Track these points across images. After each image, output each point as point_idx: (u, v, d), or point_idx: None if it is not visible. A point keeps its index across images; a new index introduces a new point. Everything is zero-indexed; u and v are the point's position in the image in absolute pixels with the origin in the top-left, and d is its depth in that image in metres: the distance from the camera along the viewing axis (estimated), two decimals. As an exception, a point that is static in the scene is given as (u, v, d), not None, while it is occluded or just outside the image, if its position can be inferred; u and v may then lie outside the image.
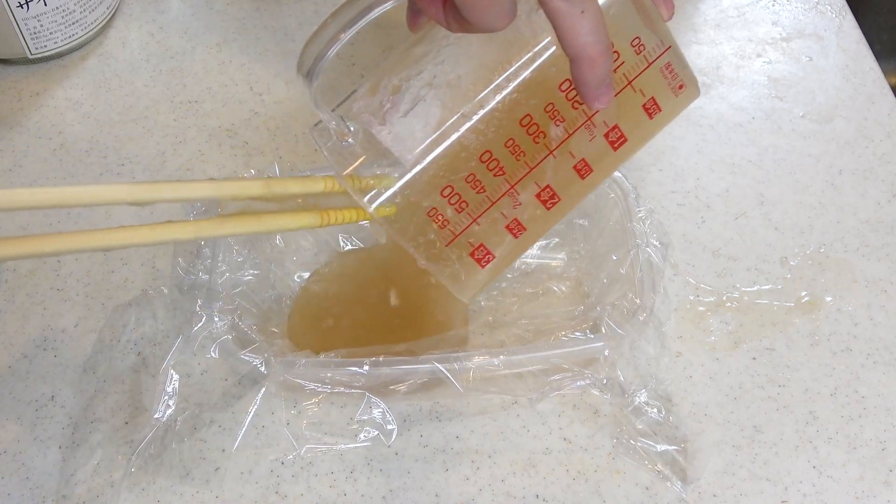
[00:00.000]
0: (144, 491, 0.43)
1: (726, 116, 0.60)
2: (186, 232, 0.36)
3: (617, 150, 0.40)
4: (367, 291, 0.50)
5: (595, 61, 0.33)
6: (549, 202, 0.40)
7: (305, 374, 0.41)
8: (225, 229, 0.37)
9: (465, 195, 0.38)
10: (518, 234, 0.40)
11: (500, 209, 0.39)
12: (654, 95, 0.39)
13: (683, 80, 0.40)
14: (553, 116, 0.38)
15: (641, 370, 0.45)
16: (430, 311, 0.49)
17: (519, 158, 0.38)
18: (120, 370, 0.47)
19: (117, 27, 0.65)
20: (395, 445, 0.44)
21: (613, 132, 0.40)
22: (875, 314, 0.50)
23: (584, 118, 0.38)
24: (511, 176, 0.38)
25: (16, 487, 0.43)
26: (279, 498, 0.43)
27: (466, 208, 0.38)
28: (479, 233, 0.39)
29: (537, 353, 0.42)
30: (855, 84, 0.62)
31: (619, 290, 0.47)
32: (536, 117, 0.38)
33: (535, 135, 0.38)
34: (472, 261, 0.40)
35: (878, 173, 0.57)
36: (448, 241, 0.39)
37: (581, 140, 0.39)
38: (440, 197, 0.38)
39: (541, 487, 0.43)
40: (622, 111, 0.39)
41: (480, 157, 0.38)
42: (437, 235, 0.39)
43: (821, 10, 0.67)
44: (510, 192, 0.39)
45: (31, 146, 0.57)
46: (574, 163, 0.39)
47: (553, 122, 0.38)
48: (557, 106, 0.38)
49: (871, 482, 0.44)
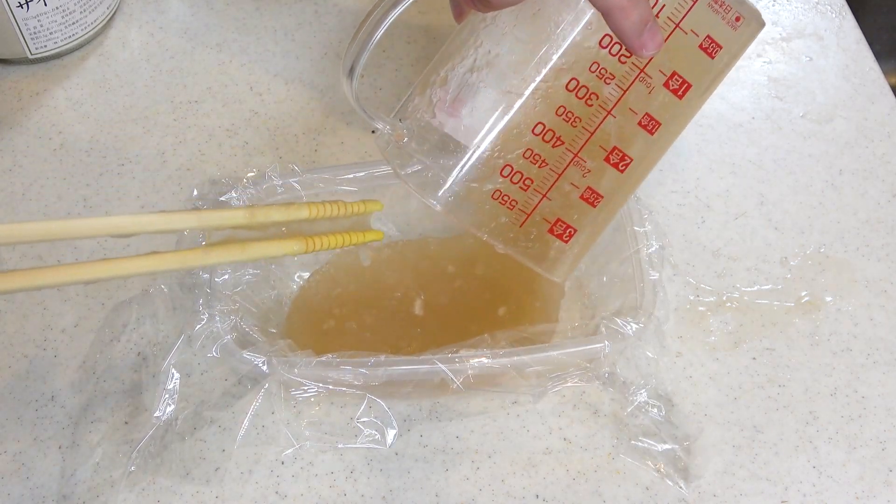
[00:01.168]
0: (144, 491, 0.43)
1: (726, 116, 0.60)
2: (171, 263, 0.36)
3: (683, 98, 0.39)
4: (381, 295, 0.49)
5: (626, 9, 0.33)
6: (620, 164, 0.38)
7: (306, 374, 0.41)
8: (210, 259, 0.37)
9: (528, 172, 0.37)
10: (596, 203, 0.39)
11: (568, 180, 0.38)
12: (709, 33, 0.38)
13: (740, 12, 0.38)
14: (601, 76, 0.37)
15: (641, 370, 0.45)
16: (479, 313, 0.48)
17: (576, 125, 0.37)
18: (120, 370, 0.47)
19: (117, 27, 0.65)
20: (395, 445, 0.44)
21: (674, 80, 0.38)
22: (875, 314, 0.50)
23: (635, 71, 0.37)
24: (571, 144, 0.37)
25: (16, 487, 0.43)
26: (279, 498, 0.43)
27: (532, 185, 0.37)
28: (553, 208, 0.38)
29: (537, 353, 0.42)
30: (855, 84, 0.62)
31: (619, 291, 0.47)
32: (583, 80, 0.37)
33: (587, 98, 0.37)
34: (553, 238, 0.39)
35: (878, 173, 0.57)
36: (521, 221, 0.38)
37: (639, 94, 0.37)
38: (501, 178, 0.37)
39: (541, 487, 0.43)
40: (676, 56, 0.37)
41: (533, 130, 0.37)
42: (508, 218, 0.38)
43: (821, 10, 0.67)
44: (575, 160, 0.38)
45: (31, 146, 0.57)
46: (638, 119, 0.38)
47: (603, 82, 0.37)
48: (603, 64, 0.37)
49: (871, 482, 0.44)
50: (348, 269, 0.50)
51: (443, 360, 0.41)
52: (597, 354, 0.42)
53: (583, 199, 0.39)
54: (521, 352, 0.42)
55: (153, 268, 0.35)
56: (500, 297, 0.49)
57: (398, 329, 0.48)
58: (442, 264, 0.50)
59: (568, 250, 0.40)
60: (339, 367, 0.41)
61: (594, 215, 0.40)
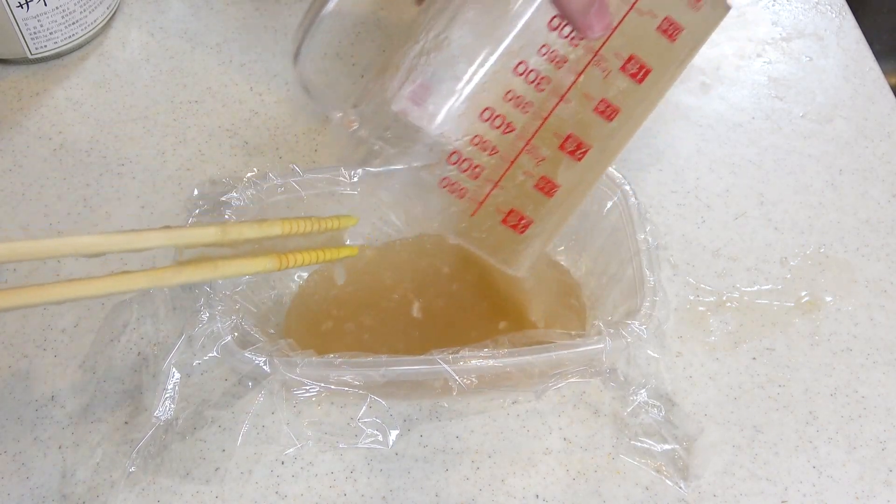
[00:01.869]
0: (144, 491, 0.43)
1: (726, 116, 0.60)
2: (141, 282, 0.35)
3: (643, 83, 0.37)
4: (380, 296, 0.49)
5: None
6: (577, 152, 0.37)
7: (308, 374, 0.41)
8: (181, 277, 0.37)
9: (477, 159, 0.36)
10: (552, 193, 0.37)
11: (521, 169, 0.36)
12: (667, 14, 0.36)
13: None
14: (552, 59, 0.35)
15: (641, 370, 0.45)
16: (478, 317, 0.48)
17: (527, 111, 0.36)
18: (120, 370, 0.47)
19: (117, 27, 0.65)
20: (396, 445, 0.44)
21: (631, 64, 0.37)
22: (875, 314, 0.50)
23: (589, 55, 0.36)
24: (523, 131, 0.36)
25: (16, 487, 0.43)
26: (279, 498, 0.43)
27: (483, 173, 0.36)
28: (506, 198, 0.37)
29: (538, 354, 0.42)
30: (855, 84, 0.62)
31: (619, 291, 0.47)
32: (533, 63, 0.35)
33: (537, 82, 0.36)
34: (507, 229, 0.37)
35: (878, 173, 0.57)
36: (472, 211, 0.37)
37: (594, 79, 0.36)
38: (449, 165, 0.36)
39: (541, 487, 0.43)
40: (633, 39, 0.36)
41: (481, 115, 0.35)
42: (458, 207, 0.37)
43: (821, 10, 0.67)
44: (528, 148, 0.36)
45: (31, 146, 0.57)
46: (594, 105, 0.37)
47: (555, 66, 0.35)
48: (553, 47, 0.35)
49: (871, 482, 0.44)
50: (347, 270, 0.50)
51: (445, 359, 0.41)
52: (597, 354, 0.42)
53: (538, 188, 0.37)
54: (522, 352, 0.42)
55: (123, 287, 0.35)
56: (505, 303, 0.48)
57: (396, 331, 0.48)
58: (438, 265, 0.50)
59: (524, 242, 0.38)
60: (340, 366, 0.41)
61: (551, 206, 0.38)
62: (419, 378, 0.42)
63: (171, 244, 0.37)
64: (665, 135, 0.59)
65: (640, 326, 0.43)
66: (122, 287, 0.35)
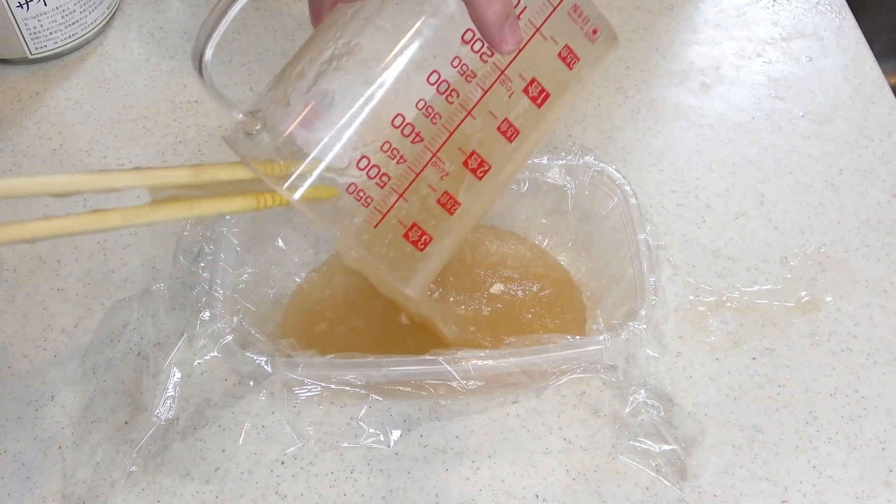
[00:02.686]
0: (144, 491, 0.43)
1: (726, 116, 0.60)
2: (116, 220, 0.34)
3: (542, 107, 0.38)
4: (371, 300, 0.48)
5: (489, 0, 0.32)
6: (479, 170, 0.37)
7: (309, 374, 0.41)
8: (156, 215, 0.35)
9: (385, 167, 0.36)
10: (453, 210, 0.37)
11: (426, 182, 0.36)
12: (567, 43, 0.38)
13: (596, 24, 0.38)
14: (462, 72, 0.36)
15: (641, 370, 0.45)
16: None
17: (435, 122, 0.36)
18: (120, 370, 0.47)
19: (117, 27, 0.65)
20: (396, 445, 0.44)
21: (533, 86, 0.38)
22: (875, 314, 0.50)
23: (496, 72, 0.36)
24: (431, 143, 0.36)
25: (16, 487, 0.43)
26: (279, 498, 0.43)
27: (389, 182, 0.36)
28: (409, 211, 0.36)
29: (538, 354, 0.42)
30: (855, 84, 0.62)
31: (619, 291, 0.47)
32: (445, 74, 0.36)
33: (448, 94, 0.36)
34: (409, 244, 0.37)
35: (878, 173, 0.57)
36: (376, 222, 0.36)
37: (499, 97, 0.37)
38: (357, 170, 0.35)
39: (541, 487, 0.43)
40: (536, 62, 0.37)
41: (392, 122, 0.35)
42: (362, 217, 0.36)
43: (821, 10, 0.68)
44: (433, 161, 0.36)
45: (31, 146, 0.57)
46: (497, 124, 0.37)
47: (464, 79, 0.36)
48: (465, 60, 0.36)
49: (871, 482, 0.44)
50: (343, 270, 0.50)
51: (447, 360, 0.41)
52: (597, 354, 0.42)
53: (440, 203, 0.37)
54: (522, 352, 0.42)
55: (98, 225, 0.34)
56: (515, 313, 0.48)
57: (388, 336, 0.47)
58: None
59: (424, 260, 0.38)
60: (342, 366, 0.41)
61: (451, 224, 0.38)
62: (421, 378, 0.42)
63: (142, 185, 0.36)
64: (665, 135, 0.59)
65: (639, 326, 0.43)
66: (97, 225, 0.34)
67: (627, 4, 0.68)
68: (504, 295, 0.48)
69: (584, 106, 0.60)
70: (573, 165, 0.50)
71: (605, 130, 0.59)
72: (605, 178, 0.49)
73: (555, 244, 0.52)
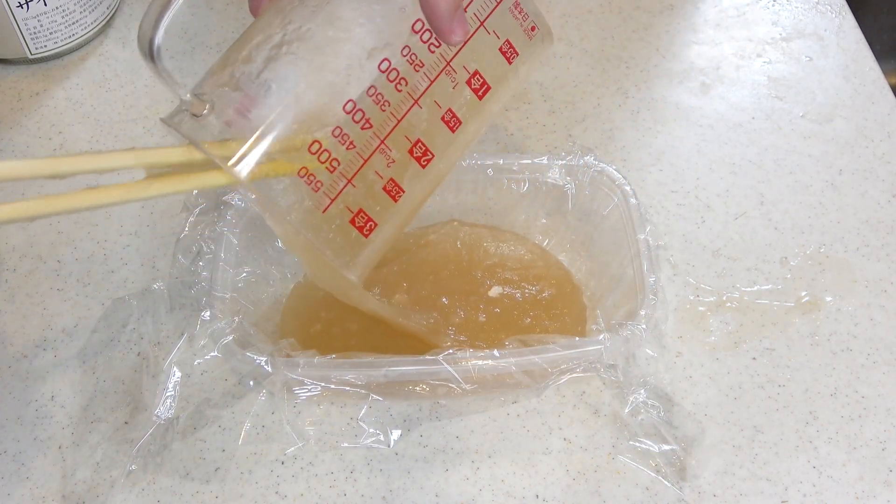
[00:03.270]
0: (144, 491, 0.43)
1: (726, 116, 0.60)
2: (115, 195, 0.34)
3: (482, 99, 0.40)
4: None
5: None
6: (423, 159, 0.38)
7: (309, 374, 0.41)
8: (152, 190, 0.36)
9: (335, 152, 0.36)
10: (398, 198, 0.38)
11: (373, 168, 0.37)
12: (508, 38, 0.40)
13: (535, 22, 0.40)
14: (412, 61, 0.37)
15: (641, 370, 0.45)
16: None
17: (384, 109, 0.37)
18: (120, 370, 0.47)
19: (117, 27, 0.65)
20: (396, 445, 0.44)
21: (475, 79, 0.39)
22: (875, 314, 0.50)
23: (442, 63, 0.38)
24: (379, 129, 0.37)
25: (16, 487, 0.43)
26: (279, 498, 0.43)
27: (339, 167, 0.36)
28: (357, 196, 0.37)
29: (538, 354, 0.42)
30: (855, 84, 0.62)
31: (619, 291, 0.47)
32: (395, 62, 0.37)
33: (397, 82, 0.37)
34: (354, 229, 0.38)
35: (878, 173, 0.57)
36: (324, 206, 0.37)
37: (444, 87, 0.38)
38: (309, 154, 0.36)
39: (541, 487, 0.43)
40: (479, 55, 0.39)
41: (344, 107, 0.36)
42: (312, 201, 0.36)
43: (821, 10, 0.68)
44: (381, 147, 0.37)
45: (31, 146, 0.57)
46: (441, 114, 0.38)
47: (413, 68, 0.37)
48: (414, 49, 0.37)
49: (871, 482, 0.44)
50: None
51: (447, 360, 0.41)
52: (597, 355, 0.42)
53: (385, 190, 0.38)
54: (522, 352, 0.42)
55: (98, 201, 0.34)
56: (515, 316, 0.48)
57: (382, 338, 0.47)
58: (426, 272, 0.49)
59: (368, 245, 0.38)
60: (342, 366, 0.41)
61: (394, 211, 0.39)
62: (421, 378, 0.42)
63: (137, 164, 0.36)
64: (665, 135, 0.59)
65: (639, 326, 0.43)
66: (97, 201, 0.34)
67: (627, 4, 0.68)
68: (503, 298, 0.48)
69: (584, 106, 0.60)
70: (573, 165, 0.50)
71: (605, 130, 0.59)
72: (605, 179, 0.49)
73: (555, 244, 0.52)
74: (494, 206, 0.52)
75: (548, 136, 0.58)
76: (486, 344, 0.46)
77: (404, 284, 0.48)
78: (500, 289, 0.48)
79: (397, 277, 0.48)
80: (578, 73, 0.63)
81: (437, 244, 0.50)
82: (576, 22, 0.66)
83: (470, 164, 0.50)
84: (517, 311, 0.48)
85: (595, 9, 0.67)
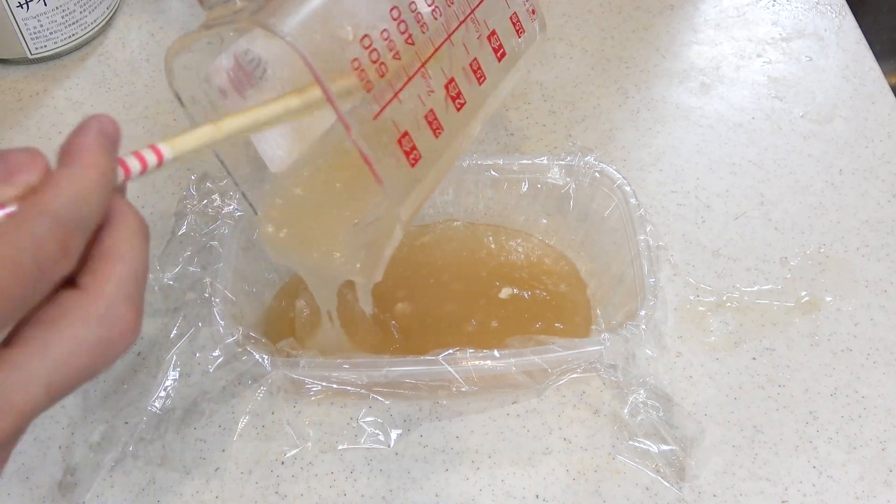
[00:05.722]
0: (144, 491, 0.43)
1: (726, 116, 0.60)
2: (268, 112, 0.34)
3: (501, 61, 0.41)
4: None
5: None
6: (456, 100, 0.38)
7: (309, 373, 0.41)
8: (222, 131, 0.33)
9: (384, 55, 0.35)
10: (438, 134, 0.37)
11: (416, 90, 0.36)
12: (515, 10, 0.41)
13: (534, 6, 0.42)
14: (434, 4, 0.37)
15: (641, 370, 0.45)
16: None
17: (424, 30, 0.37)
18: (120, 370, 0.47)
19: (117, 27, 0.65)
20: (396, 445, 0.44)
21: (494, 38, 0.40)
22: (875, 314, 0.50)
23: (468, 8, 0.39)
24: (420, 50, 0.36)
25: (16, 487, 0.43)
26: (279, 498, 0.43)
27: (387, 74, 0.35)
28: (403, 115, 0.36)
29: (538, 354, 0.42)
30: (855, 84, 0.62)
31: (619, 291, 0.47)
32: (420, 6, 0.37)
33: (434, 8, 0.37)
34: (401, 152, 0.36)
35: (878, 173, 0.57)
36: (375, 113, 0.35)
37: (470, 35, 0.39)
38: (360, 46, 0.34)
39: (541, 487, 0.43)
40: (495, 17, 0.40)
41: (390, 11, 0.35)
42: (365, 100, 0.35)
43: (821, 10, 0.68)
44: (422, 71, 0.37)
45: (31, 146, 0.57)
46: (469, 60, 0.39)
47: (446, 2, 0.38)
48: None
49: (871, 482, 0.44)
50: None
51: (447, 360, 0.41)
52: (597, 355, 0.42)
53: (427, 120, 0.37)
54: (523, 352, 0.42)
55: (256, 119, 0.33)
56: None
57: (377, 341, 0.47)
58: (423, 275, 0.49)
59: (413, 178, 0.36)
60: (342, 366, 0.41)
61: (435, 149, 0.37)
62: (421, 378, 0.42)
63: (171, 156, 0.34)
64: (665, 135, 0.59)
65: (639, 326, 0.43)
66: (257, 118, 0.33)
67: (627, 4, 0.68)
68: (513, 300, 0.47)
69: (584, 106, 0.60)
70: (573, 166, 0.50)
71: (605, 130, 0.59)
72: (605, 179, 0.49)
73: (555, 244, 0.52)
74: (494, 206, 0.52)
75: (548, 136, 0.58)
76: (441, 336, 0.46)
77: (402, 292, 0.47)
78: (510, 290, 0.48)
79: (393, 284, 0.47)
80: (578, 73, 0.63)
81: (433, 246, 0.49)
82: (576, 22, 0.66)
83: (470, 165, 0.50)
84: (528, 314, 0.47)
85: (595, 9, 0.67)
